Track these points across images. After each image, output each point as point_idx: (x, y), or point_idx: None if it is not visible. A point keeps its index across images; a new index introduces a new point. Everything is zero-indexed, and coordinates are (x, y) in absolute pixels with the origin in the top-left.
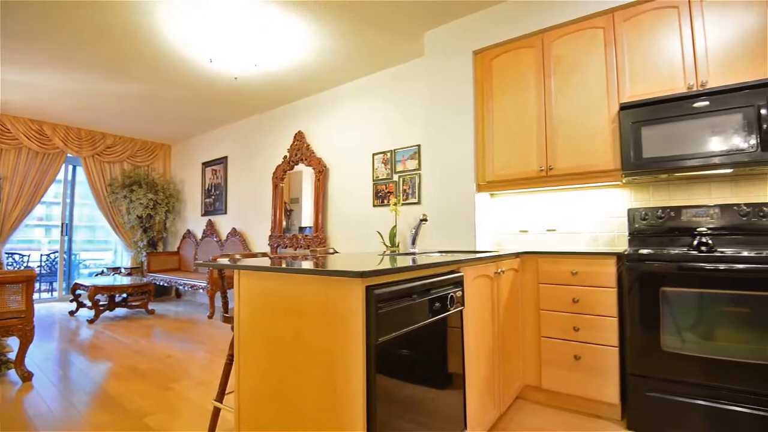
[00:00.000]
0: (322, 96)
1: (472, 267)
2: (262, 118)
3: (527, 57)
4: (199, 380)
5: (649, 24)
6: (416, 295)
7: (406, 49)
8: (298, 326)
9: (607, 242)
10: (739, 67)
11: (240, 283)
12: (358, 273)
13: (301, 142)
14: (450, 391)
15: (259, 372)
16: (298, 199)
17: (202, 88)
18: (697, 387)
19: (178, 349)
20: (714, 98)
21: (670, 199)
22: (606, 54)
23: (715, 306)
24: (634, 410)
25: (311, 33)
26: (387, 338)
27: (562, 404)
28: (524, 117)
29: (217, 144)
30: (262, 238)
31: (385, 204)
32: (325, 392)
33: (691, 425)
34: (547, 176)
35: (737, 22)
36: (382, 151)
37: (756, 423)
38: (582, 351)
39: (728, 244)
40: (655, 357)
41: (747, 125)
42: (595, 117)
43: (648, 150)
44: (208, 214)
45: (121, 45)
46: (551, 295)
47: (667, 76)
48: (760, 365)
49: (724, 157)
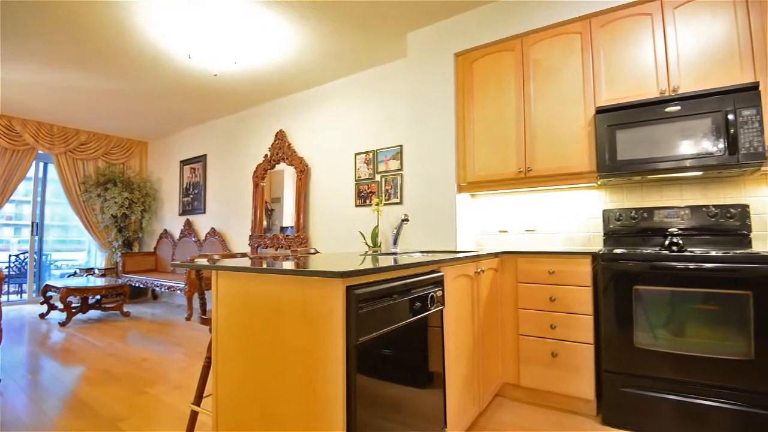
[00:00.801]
0: (304, 95)
1: (453, 267)
2: (242, 116)
3: (507, 60)
4: (176, 384)
5: (624, 30)
6: (397, 294)
7: (388, 49)
8: (278, 327)
9: (583, 242)
10: (708, 73)
11: (218, 283)
12: (338, 273)
13: (282, 141)
14: (430, 390)
15: (237, 374)
16: (279, 199)
17: (181, 85)
18: (668, 382)
19: (155, 352)
20: (685, 103)
21: (643, 200)
22: (583, 59)
23: (685, 303)
24: (609, 406)
25: (293, 31)
26: (367, 338)
27: (540, 401)
28: (504, 119)
29: (196, 142)
30: (242, 238)
31: (368, 204)
32: (304, 393)
33: (663, 419)
34: (525, 177)
35: (706, 30)
36: (365, 151)
37: (722, 416)
38: (559, 348)
39: (698, 244)
40: (629, 353)
41: (715, 130)
42: (572, 120)
43: (622, 153)
44: (186, 213)
45: (96, 39)
46: (529, 294)
47: (640, 81)
48: (726, 360)
49: (694, 160)
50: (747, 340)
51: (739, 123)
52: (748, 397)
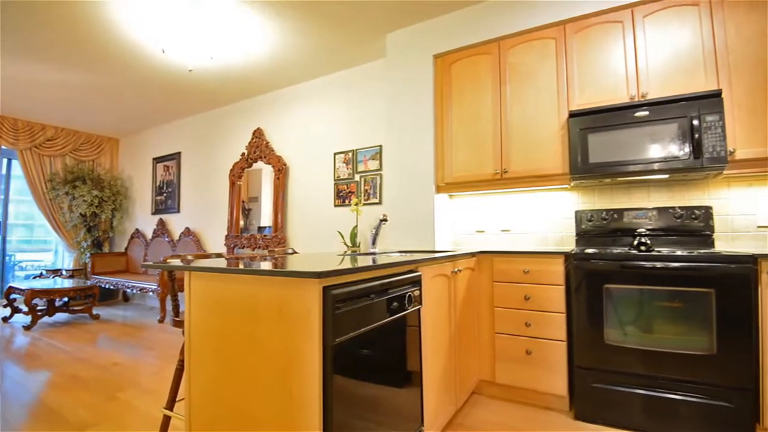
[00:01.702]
0: (283, 93)
1: (430, 266)
2: (218, 113)
3: (485, 63)
4: (148, 388)
5: (597, 37)
6: (374, 294)
7: (368, 49)
8: (253, 329)
9: (556, 242)
10: (675, 80)
11: (191, 285)
12: (315, 273)
13: (260, 140)
14: (408, 388)
15: (211, 377)
16: (257, 198)
17: (154, 80)
18: (637, 377)
19: (126, 356)
20: (653, 109)
21: (613, 201)
22: (557, 64)
23: (653, 301)
24: (581, 401)
25: (271, 28)
26: (344, 338)
27: (515, 397)
28: (481, 121)
29: (170, 139)
30: (218, 238)
31: (347, 204)
32: (280, 394)
33: (633, 413)
34: (502, 179)
35: (674, 39)
36: (344, 150)
37: (688, 409)
38: (533, 346)
39: (665, 244)
40: (600, 350)
41: (681, 135)
42: (547, 123)
43: (594, 155)
44: (160, 212)
45: (65, 29)
46: (505, 293)
47: (611, 86)
48: (691, 355)
49: (661, 164)
50: (710, 336)
51: (703, 128)
52: (711, 390)
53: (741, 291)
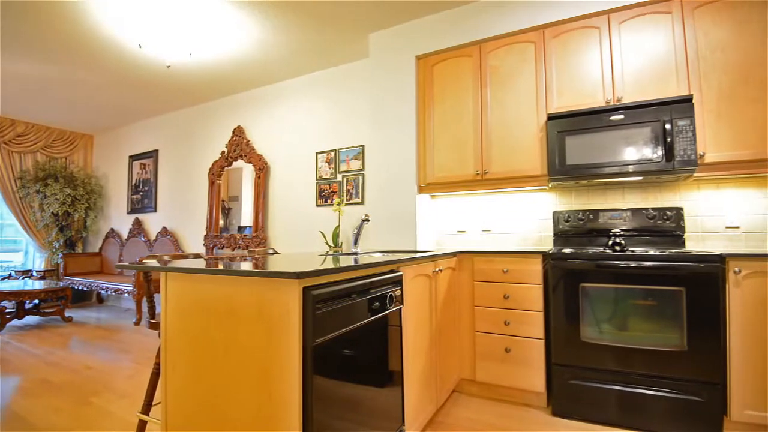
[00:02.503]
0: (264, 90)
1: (411, 266)
2: (197, 110)
3: (466, 65)
4: (123, 392)
5: (575, 42)
6: (355, 294)
7: (350, 48)
8: (231, 330)
9: (535, 242)
10: (649, 85)
11: (167, 286)
12: (294, 274)
13: (240, 138)
14: (389, 388)
15: (188, 380)
16: (237, 198)
17: (131, 75)
18: (611, 373)
19: (100, 359)
20: (628, 113)
21: (589, 202)
22: (536, 67)
23: (627, 299)
24: (558, 397)
25: (252, 25)
26: (324, 339)
27: (495, 395)
28: (462, 123)
29: (147, 136)
30: (196, 238)
31: (329, 204)
32: (259, 396)
33: (608, 408)
34: (482, 180)
35: (648, 45)
36: (326, 150)
37: (660, 404)
38: (512, 344)
39: (638, 243)
40: (576, 347)
41: (654, 138)
42: (526, 126)
43: (571, 158)
44: (136, 212)
45: (36, 21)
46: (485, 292)
47: (588, 90)
48: (663, 351)
49: (635, 166)
50: (681, 333)
51: (675, 132)
52: (682, 384)
53: (710, 289)
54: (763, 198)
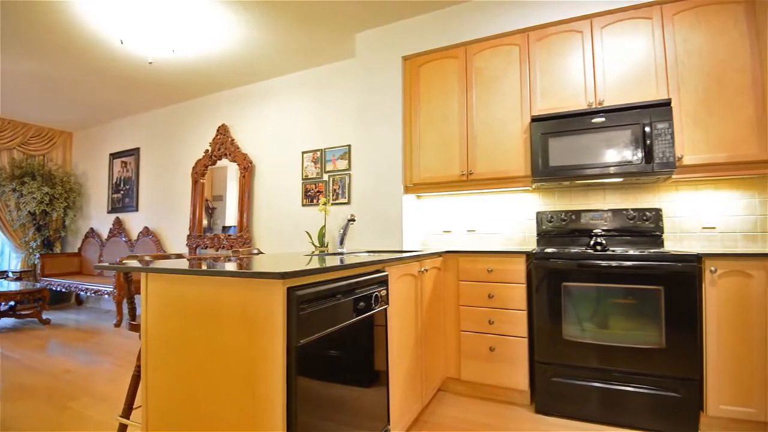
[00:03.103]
0: (249, 89)
1: (397, 266)
2: (181, 108)
3: (452, 67)
4: (103, 396)
5: (558, 45)
6: (341, 295)
7: (337, 48)
8: (214, 332)
9: (519, 242)
10: (630, 89)
11: (148, 287)
12: (279, 274)
13: (224, 136)
14: (374, 388)
15: (170, 382)
16: (221, 197)
17: (112, 71)
18: (593, 371)
19: (79, 363)
20: (609, 115)
21: (571, 203)
22: (521, 69)
23: (608, 298)
24: (541, 395)
25: (237, 22)
26: (309, 340)
27: (479, 394)
28: (449, 123)
29: (129, 134)
30: (179, 238)
31: (315, 203)
32: (242, 398)
33: (589, 405)
34: (467, 180)
35: (629, 49)
36: (312, 149)
37: (639, 400)
38: (496, 343)
39: (619, 243)
40: (558, 345)
41: (634, 141)
42: (510, 127)
43: (554, 159)
44: (116, 211)
45: (12, 14)
46: (470, 292)
47: (571, 93)
48: (642, 349)
49: (616, 168)
50: (659, 331)
51: (654, 135)
52: (661, 381)
53: (687, 288)
54: (738, 199)
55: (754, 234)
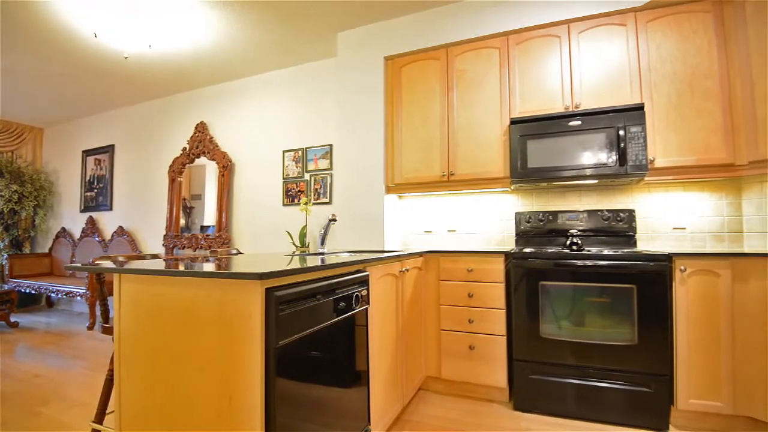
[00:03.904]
0: (229, 86)
1: (378, 266)
2: (157, 105)
3: (433, 68)
4: (76, 401)
5: (537, 49)
6: (320, 295)
7: (319, 47)
8: (190, 334)
9: (498, 242)
10: (605, 93)
11: (121, 288)
12: (257, 275)
13: (203, 134)
14: (355, 388)
15: (144, 386)
16: (199, 196)
17: (86, 65)
18: (569, 368)
19: (49, 367)
20: (585, 119)
21: (549, 204)
22: (501, 72)
23: (583, 297)
24: (519, 392)
25: (217, 19)
26: (288, 341)
27: (459, 392)
28: (430, 124)
29: (103, 130)
30: (155, 238)
31: (296, 203)
32: (219, 401)
33: (566, 401)
34: (448, 181)
35: (604, 55)
36: (294, 148)
37: (613, 395)
38: (476, 341)
39: (594, 243)
40: (536, 343)
41: (609, 144)
42: (490, 129)
43: (532, 161)
44: (90, 210)
45: None
46: (450, 291)
47: (549, 96)
48: (616, 346)
49: (592, 170)
50: (632, 328)
51: (628, 138)
52: (633, 377)
53: (658, 287)
54: (707, 201)
55: (721, 234)
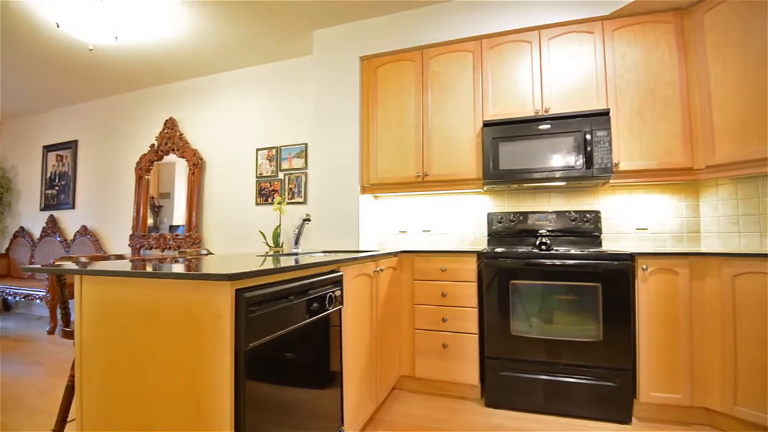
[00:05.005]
0: (200, 81)
1: (352, 266)
2: (124, 99)
3: (409, 70)
4: (35, 409)
5: (509, 54)
6: (293, 296)
7: (294, 44)
8: (156, 337)
9: (471, 242)
10: (573, 98)
11: (82, 290)
12: (226, 276)
13: (173, 131)
14: (328, 389)
15: (107, 392)
16: (168, 194)
17: (47, 57)
18: (538, 364)
19: (7, 374)
20: (554, 123)
21: (520, 205)
22: (474, 75)
23: (552, 295)
24: (491, 389)
25: (188, 11)
26: (259, 343)
27: (433, 390)
28: (405, 125)
29: (66, 125)
30: (121, 238)
31: (270, 203)
32: (186, 406)
33: (535, 397)
34: (423, 182)
35: (573, 61)
36: (268, 146)
37: (580, 390)
38: (449, 340)
39: (562, 243)
40: (507, 341)
41: (577, 147)
42: (464, 131)
43: (504, 163)
44: (51, 208)
45: None
46: (424, 291)
47: (520, 100)
48: (583, 342)
49: (561, 172)
50: (597, 325)
51: (594, 142)
52: (599, 372)
53: (621, 285)
54: (667, 202)
55: (681, 235)
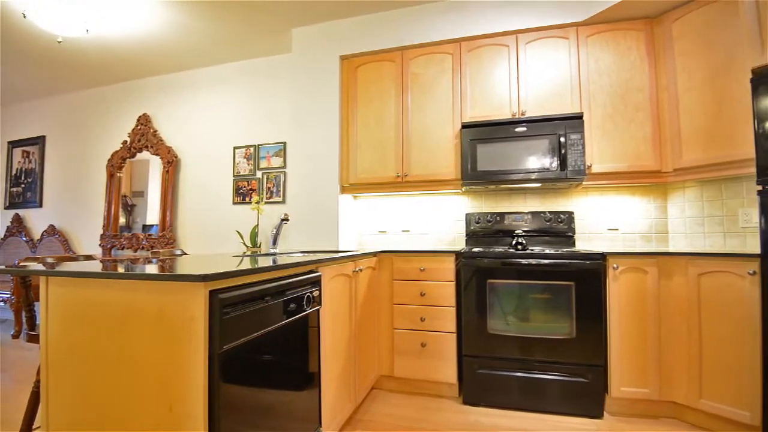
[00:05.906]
0: (176, 77)
1: (330, 266)
2: (95, 94)
3: (389, 70)
4: None
5: (487, 57)
6: (270, 297)
7: (273, 42)
8: (126, 341)
9: (450, 242)
10: (548, 101)
11: (48, 293)
12: (199, 276)
13: (146, 127)
14: (306, 390)
15: (74, 399)
16: (142, 193)
17: (12, 48)
18: (514, 361)
19: None
20: (530, 125)
21: (497, 205)
22: (453, 77)
23: (527, 294)
24: (468, 386)
25: (164, 5)
26: (234, 345)
27: (412, 389)
28: (385, 125)
29: (32, 120)
30: (91, 237)
31: (247, 202)
32: (158, 411)
33: (511, 393)
34: (402, 182)
35: (549, 65)
36: (245, 145)
37: (554, 386)
38: (427, 339)
39: (537, 243)
40: (484, 339)
41: (552, 150)
42: (443, 132)
43: (482, 164)
44: (16, 206)
45: None
46: (403, 290)
47: (497, 103)
48: (557, 340)
49: (536, 174)
50: (571, 322)
51: (568, 145)
52: (572, 368)
53: (593, 283)
54: (637, 204)
55: (649, 235)
